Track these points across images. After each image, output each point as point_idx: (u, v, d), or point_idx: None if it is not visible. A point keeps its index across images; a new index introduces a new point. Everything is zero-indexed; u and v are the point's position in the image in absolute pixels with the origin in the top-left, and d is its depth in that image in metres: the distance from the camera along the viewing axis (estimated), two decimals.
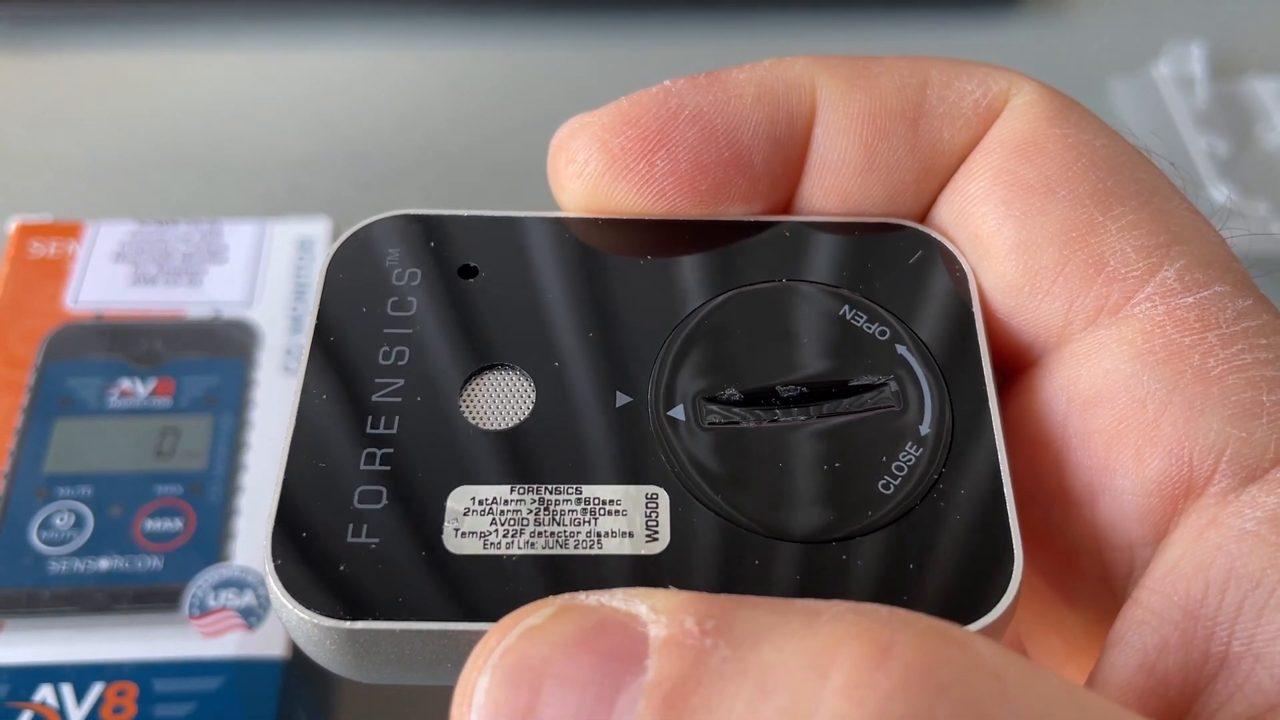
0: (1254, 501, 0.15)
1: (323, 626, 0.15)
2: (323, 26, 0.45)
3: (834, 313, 0.18)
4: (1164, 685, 0.15)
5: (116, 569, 0.26)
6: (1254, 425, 0.15)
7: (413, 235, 0.19)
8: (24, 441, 0.27)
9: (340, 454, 0.16)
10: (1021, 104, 0.18)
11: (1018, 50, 0.46)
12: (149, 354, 0.29)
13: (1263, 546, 0.14)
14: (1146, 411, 0.16)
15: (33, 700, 0.24)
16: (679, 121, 0.17)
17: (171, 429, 0.28)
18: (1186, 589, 0.15)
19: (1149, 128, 0.43)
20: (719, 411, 0.17)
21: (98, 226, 0.32)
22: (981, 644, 0.12)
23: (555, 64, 0.45)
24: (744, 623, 0.12)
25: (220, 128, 0.42)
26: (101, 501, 0.27)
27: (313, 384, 0.17)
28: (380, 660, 0.15)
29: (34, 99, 0.43)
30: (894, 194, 0.18)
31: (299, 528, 0.16)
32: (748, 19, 0.47)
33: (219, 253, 0.31)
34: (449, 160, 0.41)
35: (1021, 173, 0.17)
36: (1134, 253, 0.16)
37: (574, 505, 0.16)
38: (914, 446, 0.17)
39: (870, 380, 0.17)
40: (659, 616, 0.13)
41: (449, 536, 0.16)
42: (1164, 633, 0.15)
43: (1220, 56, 0.44)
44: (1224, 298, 0.16)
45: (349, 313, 0.18)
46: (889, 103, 0.18)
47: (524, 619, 0.13)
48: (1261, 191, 0.40)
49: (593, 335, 0.18)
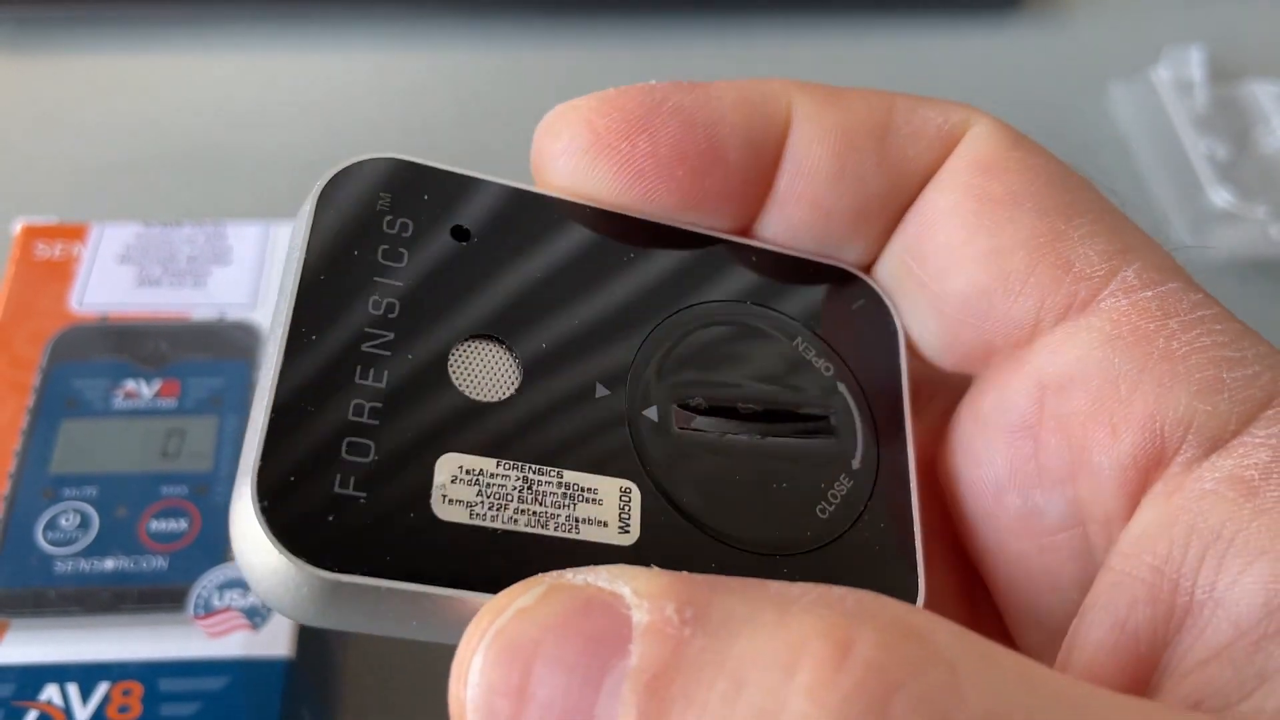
0: (1213, 466, 0.16)
1: (304, 573, 0.14)
2: (327, 29, 0.45)
3: (789, 342, 0.19)
4: (1134, 640, 0.16)
5: (122, 569, 0.26)
6: (1217, 399, 0.16)
7: (405, 183, 0.18)
8: (30, 442, 0.27)
9: (329, 400, 0.16)
10: (981, 131, 0.19)
11: (1017, 54, 0.47)
12: (154, 355, 0.29)
13: (1221, 502, 0.16)
14: (1119, 390, 0.17)
15: (38, 699, 0.24)
16: (662, 111, 0.18)
17: (177, 430, 0.28)
18: (1153, 548, 0.16)
19: (1148, 131, 0.44)
20: (687, 417, 0.18)
21: (103, 228, 0.32)
22: (941, 632, 0.13)
23: (558, 67, 0.45)
24: (721, 611, 0.13)
25: (225, 130, 0.42)
26: (107, 502, 0.27)
27: (302, 321, 0.16)
28: (348, 613, 0.15)
29: (39, 101, 0.43)
30: (862, 203, 0.19)
31: (286, 471, 0.15)
32: (747, 21, 0.47)
33: (223, 254, 0.31)
34: (453, 162, 0.41)
35: (989, 187, 0.18)
36: (1096, 256, 0.18)
37: (556, 488, 0.16)
38: (845, 478, 0.18)
39: (816, 411, 0.19)
40: (641, 601, 0.13)
41: (437, 502, 0.15)
42: (1133, 591, 0.16)
43: (1219, 60, 0.45)
44: (1179, 292, 0.17)
45: (339, 252, 0.17)
46: (859, 119, 0.19)
47: (516, 598, 0.14)
48: (1260, 194, 0.40)
49: (578, 323, 0.18)
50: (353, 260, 0.17)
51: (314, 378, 0.16)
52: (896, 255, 0.20)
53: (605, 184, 0.19)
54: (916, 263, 0.19)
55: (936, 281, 0.19)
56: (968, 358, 0.19)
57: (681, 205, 0.19)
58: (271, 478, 0.15)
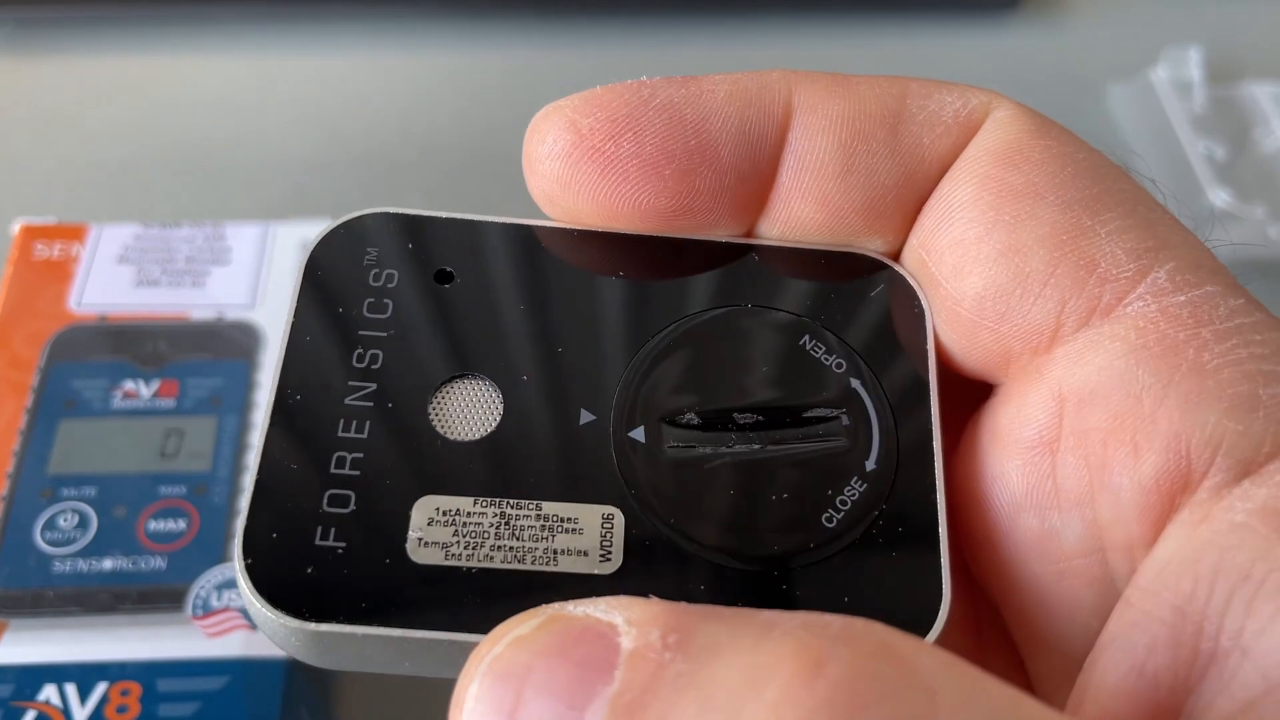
0: (1245, 494, 0.15)
1: (288, 626, 0.15)
2: (326, 29, 0.45)
3: (794, 342, 0.18)
4: (1154, 687, 0.15)
5: (120, 569, 0.26)
6: (1250, 419, 0.15)
7: (392, 235, 0.19)
8: (28, 442, 0.27)
9: (312, 457, 0.17)
10: (1003, 117, 0.18)
11: (1016, 55, 0.47)
12: (153, 355, 0.29)
13: (1252, 538, 0.14)
14: (1143, 406, 0.16)
15: (37, 700, 0.24)
16: (649, 108, 0.17)
17: (175, 430, 0.28)
18: (1176, 585, 0.15)
19: (1147, 132, 0.44)
20: (677, 435, 0.17)
21: (101, 229, 0.32)
22: (926, 658, 0.12)
23: (557, 67, 0.45)
24: (704, 637, 0.13)
25: (224, 130, 0.42)
26: (105, 502, 0.27)
27: (288, 384, 0.17)
28: (341, 656, 0.16)
29: (38, 102, 0.43)
30: (874, 199, 0.18)
31: (270, 528, 0.16)
32: (746, 21, 0.47)
33: (222, 255, 0.31)
34: (452, 163, 0.41)
35: (1009, 179, 0.17)
36: (1124, 255, 0.16)
37: (533, 521, 0.16)
38: (858, 481, 0.17)
39: (824, 413, 0.18)
40: (631, 629, 0.13)
41: (413, 546, 0.16)
42: (1153, 632, 0.15)
43: (1218, 61, 0.45)
44: (1216, 297, 0.16)
45: (326, 312, 0.18)
46: (868, 108, 0.18)
47: (513, 629, 0.14)
48: (1259, 195, 0.40)
49: (562, 351, 0.18)
50: (338, 319, 0.18)
51: (298, 436, 0.17)
52: (913, 251, 0.19)
53: (590, 188, 0.18)
54: (932, 260, 0.18)
55: (952, 280, 0.18)
56: (987, 363, 0.18)
57: (673, 209, 0.18)
58: (256, 535, 0.16)
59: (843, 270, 0.19)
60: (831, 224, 0.18)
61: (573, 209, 0.18)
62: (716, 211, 0.18)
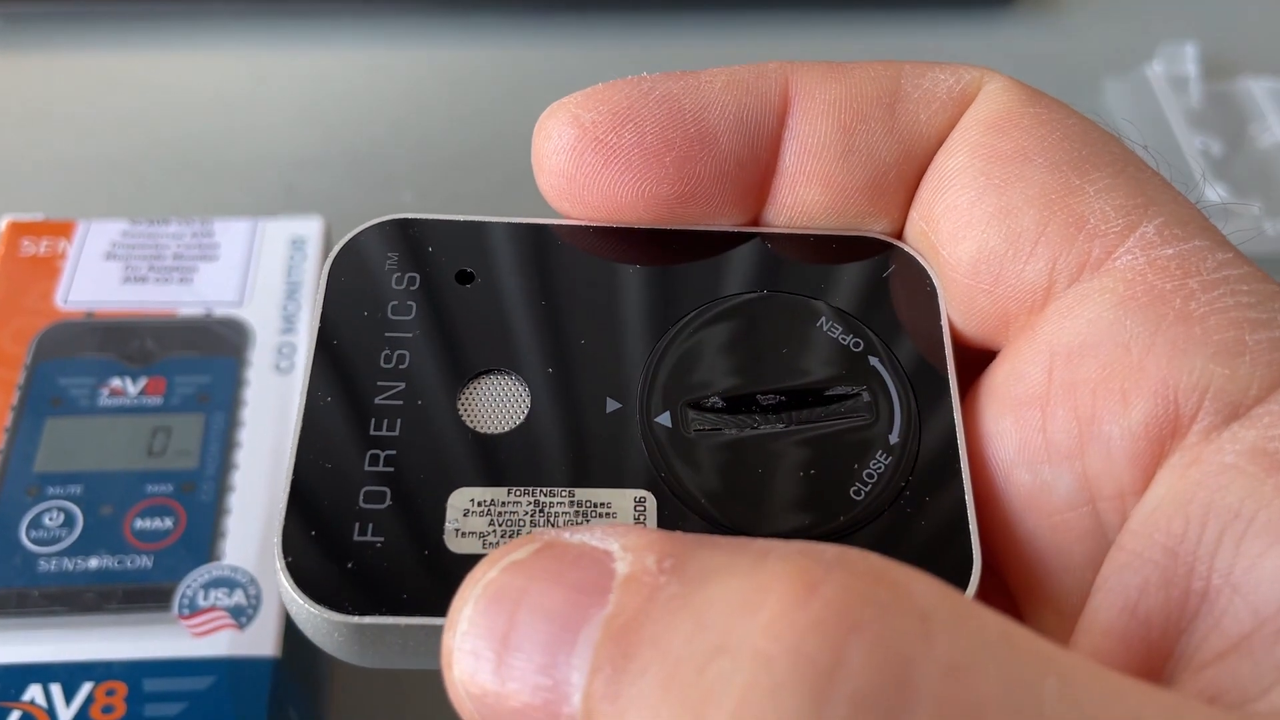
0: (1234, 436, 0.15)
1: (332, 620, 0.16)
2: (316, 26, 0.45)
3: (811, 324, 0.19)
4: (1145, 626, 0.15)
5: (106, 568, 0.26)
6: (1237, 363, 0.15)
7: (411, 240, 0.19)
8: (14, 440, 0.27)
9: (345, 455, 0.17)
10: (995, 89, 0.18)
11: (1011, 50, 0.46)
12: (140, 353, 0.29)
13: (1241, 478, 0.15)
14: (1131, 355, 0.16)
15: (21, 700, 0.24)
16: (649, 100, 0.18)
17: (163, 428, 0.28)
18: (1167, 527, 0.15)
19: (1143, 127, 0.43)
20: (702, 418, 0.18)
21: (89, 225, 0.32)
22: (920, 585, 0.12)
23: (551, 64, 0.45)
24: (699, 561, 0.13)
25: (213, 127, 0.42)
26: (92, 500, 0.26)
27: (318, 386, 0.18)
28: (385, 650, 0.16)
29: (26, 97, 0.43)
30: (876, 177, 0.19)
31: (308, 526, 0.16)
32: (745, 18, 0.47)
33: (210, 251, 0.31)
34: (443, 160, 0.41)
35: (998, 145, 0.18)
36: (1113, 211, 0.17)
37: (567, 507, 0.17)
38: (883, 455, 0.18)
39: (844, 390, 0.18)
40: (626, 554, 0.13)
41: (450, 536, 0.16)
42: (1145, 573, 0.15)
43: (1214, 57, 0.44)
44: (1204, 250, 0.16)
45: (351, 316, 0.18)
46: (865, 90, 0.18)
47: (509, 554, 0.14)
48: (1255, 191, 0.40)
49: (584, 342, 0.18)
50: (363, 322, 0.18)
51: (330, 436, 0.17)
52: (915, 224, 0.19)
53: (596, 179, 0.18)
54: (930, 230, 0.19)
55: (948, 247, 0.18)
56: (987, 328, 0.18)
57: (676, 196, 0.19)
58: (295, 534, 0.16)
59: (854, 253, 0.19)
60: (837, 206, 0.19)
61: (581, 201, 0.19)
62: (719, 198, 0.19)
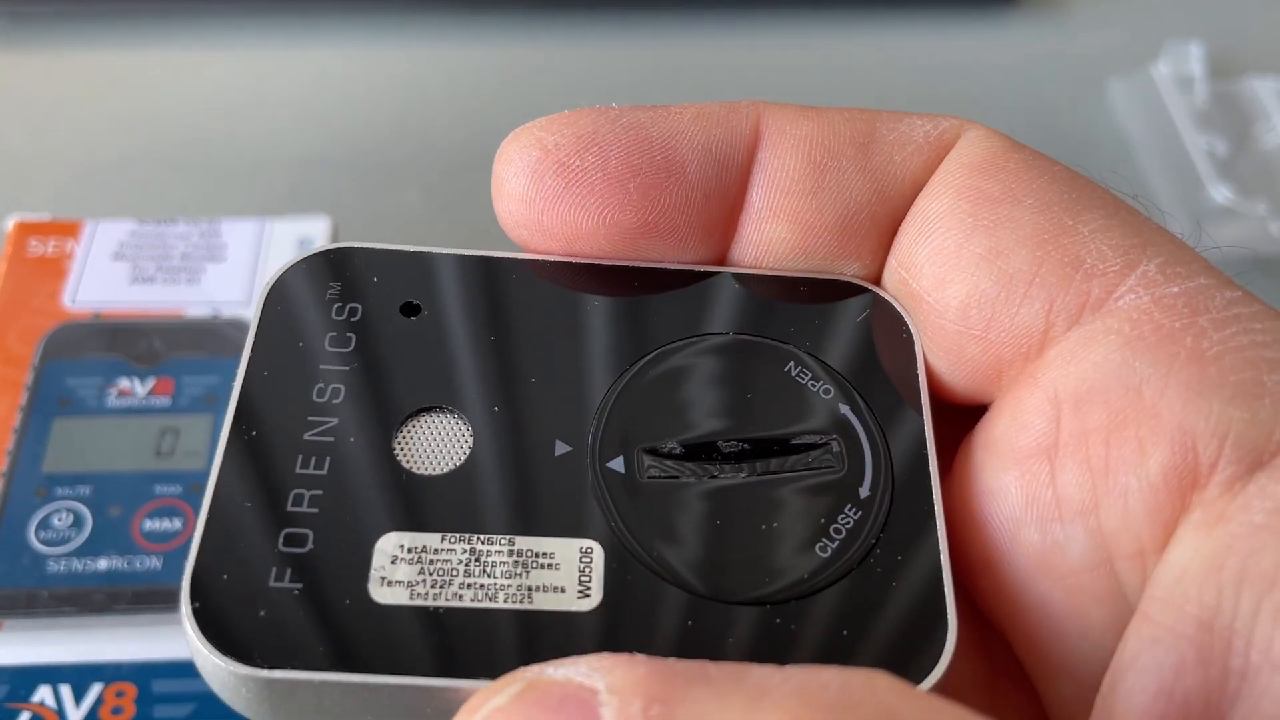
0: (1263, 491, 0.14)
1: (239, 674, 0.14)
2: (323, 25, 0.45)
3: (779, 369, 0.18)
4: (1184, 711, 0.14)
5: (115, 569, 0.26)
6: (1257, 406, 0.14)
7: (356, 269, 0.18)
8: (22, 441, 0.27)
9: (267, 494, 0.16)
10: (976, 135, 0.18)
11: (1016, 50, 0.46)
12: (148, 353, 0.29)
13: (1275, 540, 0.13)
14: (1143, 399, 0.15)
15: (31, 701, 0.24)
16: (615, 126, 0.17)
17: (171, 428, 0.28)
18: (1199, 597, 0.14)
19: (1147, 128, 0.43)
20: (659, 465, 0.17)
21: (96, 225, 0.32)
22: None
23: (555, 63, 0.44)
24: (688, 707, 0.12)
25: (220, 127, 0.42)
26: (100, 501, 0.27)
27: (243, 420, 0.16)
28: (297, 711, 0.15)
29: (33, 97, 0.43)
30: (847, 217, 0.18)
31: (220, 569, 0.15)
32: (745, 18, 0.47)
33: (218, 252, 0.31)
34: (449, 159, 0.41)
35: (985, 187, 0.17)
36: (1110, 251, 0.16)
37: (506, 557, 0.16)
38: (852, 509, 0.16)
39: (812, 439, 0.17)
40: (612, 698, 0.12)
41: (374, 585, 0.15)
42: (1179, 650, 0.14)
43: (1219, 56, 0.44)
44: (1210, 288, 0.15)
45: (285, 347, 0.17)
46: (838, 129, 0.18)
47: (489, 699, 0.13)
48: (1260, 191, 0.40)
49: (534, 381, 0.17)
50: (297, 353, 0.17)
51: (252, 473, 0.16)
52: (893, 271, 0.18)
53: (556, 204, 0.17)
54: (911, 276, 0.18)
55: (934, 293, 0.17)
56: (978, 377, 0.17)
57: (639, 226, 0.18)
58: (205, 578, 0.15)
59: (826, 296, 0.18)
60: (806, 245, 0.18)
61: (540, 228, 0.18)
62: (684, 230, 0.18)
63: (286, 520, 0.16)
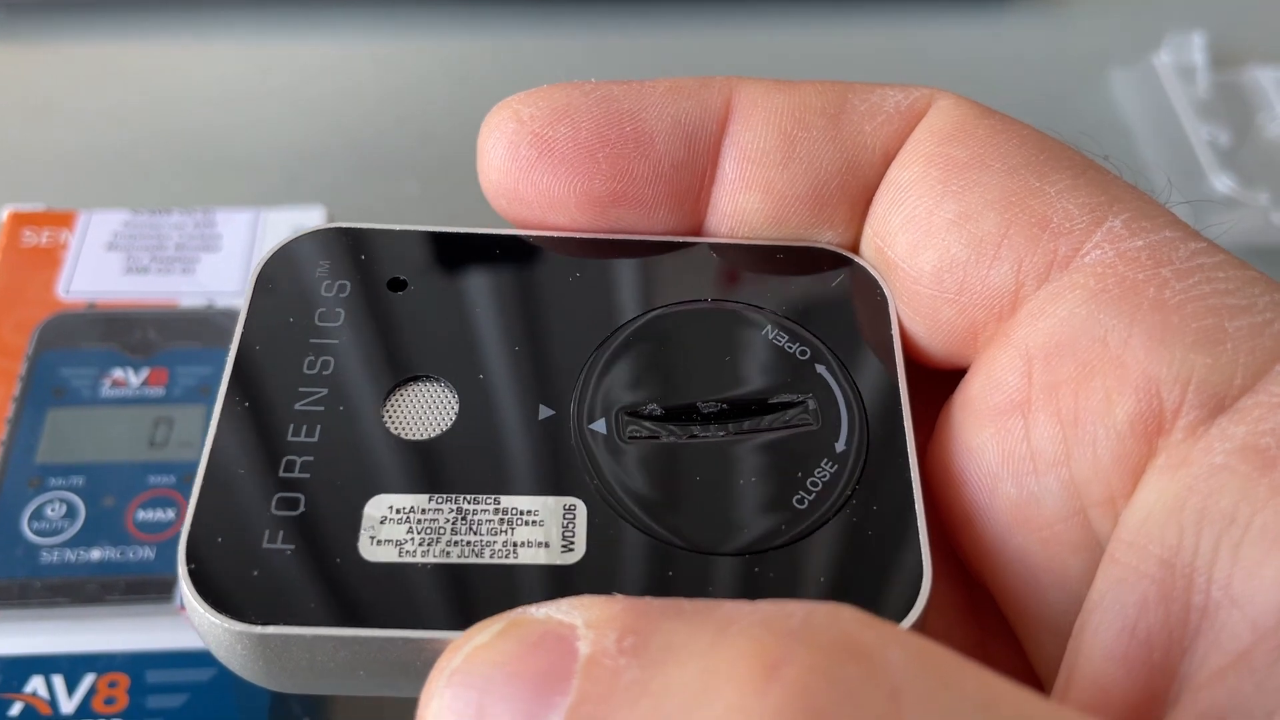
0: (1223, 433, 0.14)
1: (233, 630, 0.15)
2: (319, 16, 0.45)
3: (756, 333, 0.18)
4: (1147, 647, 0.14)
5: (109, 559, 0.26)
6: (1218, 351, 0.15)
7: (344, 248, 0.19)
8: (16, 431, 0.27)
9: (260, 460, 0.17)
10: (946, 104, 0.18)
11: (1017, 40, 0.46)
12: (142, 343, 0.29)
13: (1234, 479, 0.14)
14: (1109, 349, 0.15)
15: (24, 691, 0.24)
16: (588, 99, 0.18)
17: (165, 419, 0.28)
18: (1161, 537, 0.14)
19: (1149, 118, 0.43)
20: (640, 425, 0.17)
21: (90, 215, 0.31)
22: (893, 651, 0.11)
23: (551, 53, 0.44)
24: (661, 637, 0.12)
25: (215, 117, 0.42)
26: (94, 492, 0.26)
27: (235, 391, 0.17)
28: (291, 667, 0.15)
29: (27, 87, 0.42)
30: (818, 186, 0.18)
31: (215, 533, 0.16)
32: (741, 10, 0.46)
33: (212, 242, 0.31)
34: (445, 150, 0.41)
35: (954, 154, 0.17)
36: (1076, 209, 0.16)
37: (491, 515, 0.16)
38: (829, 463, 0.17)
39: (789, 398, 0.18)
40: (589, 631, 0.13)
41: (364, 544, 0.16)
42: (1142, 589, 0.14)
43: (1221, 46, 0.44)
44: (1175, 240, 0.16)
45: (275, 322, 0.18)
46: (809, 101, 0.18)
47: (473, 638, 0.13)
48: (1263, 181, 0.40)
49: (518, 349, 0.18)
50: (287, 328, 0.18)
51: (245, 441, 0.17)
52: (869, 241, 0.19)
53: (530, 174, 0.18)
54: (886, 244, 0.18)
55: (908, 260, 0.18)
56: (954, 340, 0.18)
57: (611, 195, 0.18)
58: (201, 541, 0.16)
59: (802, 264, 0.19)
60: (778, 214, 0.19)
61: (518, 197, 0.18)
62: (653, 200, 0.18)
63: (279, 485, 0.16)
